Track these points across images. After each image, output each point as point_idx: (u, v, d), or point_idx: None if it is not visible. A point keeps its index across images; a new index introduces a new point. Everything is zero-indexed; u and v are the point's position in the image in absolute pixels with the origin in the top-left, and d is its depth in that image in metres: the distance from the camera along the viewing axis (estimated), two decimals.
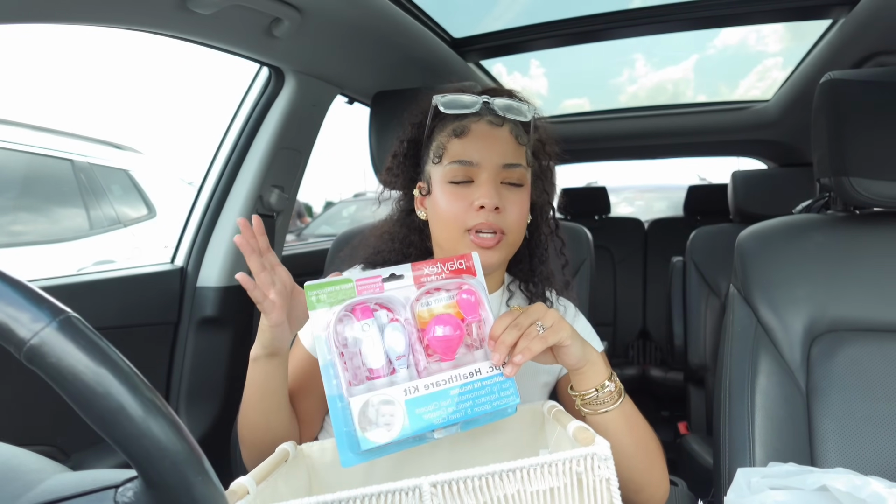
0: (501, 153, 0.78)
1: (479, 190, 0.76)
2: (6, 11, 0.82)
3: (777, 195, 1.87)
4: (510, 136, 0.79)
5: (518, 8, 1.58)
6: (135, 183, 3.36)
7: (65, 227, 2.81)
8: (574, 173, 4.41)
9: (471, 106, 0.78)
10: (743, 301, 0.96)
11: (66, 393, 0.31)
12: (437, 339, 0.62)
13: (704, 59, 2.03)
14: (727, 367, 0.93)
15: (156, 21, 1.02)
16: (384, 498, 0.49)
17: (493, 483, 0.51)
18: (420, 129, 0.85)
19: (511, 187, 0.78)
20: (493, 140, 0.78)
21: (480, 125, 0.79)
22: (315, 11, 1.15)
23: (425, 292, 0.64)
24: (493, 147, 0.77)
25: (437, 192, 0.80)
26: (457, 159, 0.77)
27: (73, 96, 5.35)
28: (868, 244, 0.93)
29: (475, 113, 0.79)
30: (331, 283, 0.61)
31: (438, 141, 0.81)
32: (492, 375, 0.62)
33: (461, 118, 0.79)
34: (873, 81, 0.90)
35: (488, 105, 0.79)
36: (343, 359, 0.60)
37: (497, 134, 0.79)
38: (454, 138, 0.79)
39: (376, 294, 0.62)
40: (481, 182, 0.76)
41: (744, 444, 0.87)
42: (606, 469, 0.53)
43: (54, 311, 0.31)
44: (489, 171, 0.77)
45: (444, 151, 0.79)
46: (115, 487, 0.33)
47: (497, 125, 0.79)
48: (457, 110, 0.78)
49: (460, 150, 0.78)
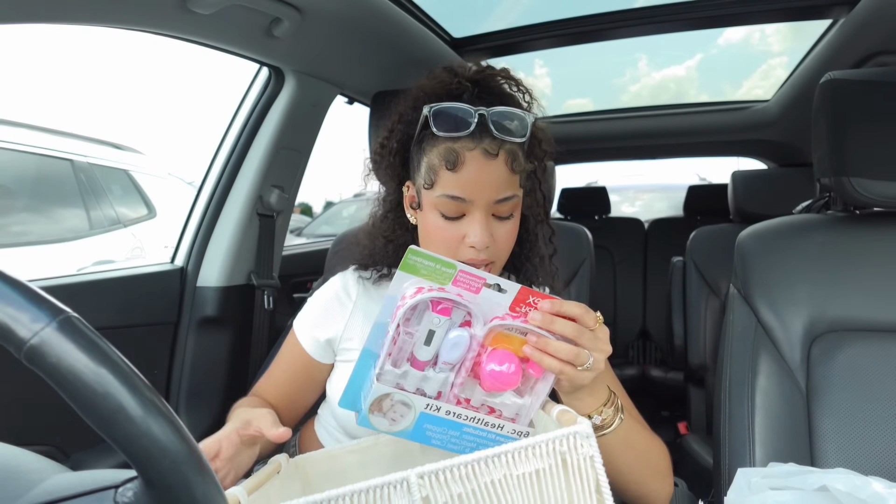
0: (495, 188, 0.74)
1: (471, 228, 0.74)
2: (6, 11, 0.82)
3: (777, 195, 1.87)
4: (504, 167, 0.74)
5: (518, 8, 1.58)
6: (135, 183, 3.36)
7: (65, 227, 2.81)
8: (574, 173, 4.41)
9: (464, 126, 0.73)
10: (743, 301, 0.96)
11: (65, 393, 0.31)
12: (488, 373, 0.60)
13: (708, 58, 2.03)
14: (727, 367, 0.93)
15: (156, 21, 1.02)
16: (374, 493, 0.49)
17: (480, 469, 0.51)
18: (409, 130, 0.81)
19: (502, 220, 0.77)
20: (487, 174, 0.73)
21: (475, 156, 0.73)
22: (315, 11, 1.15)
23: (508, 323, 0.62)
24: (486, 182, 0.73)
25: (428, 216, 0.77)
26: (449, 194, 0.73)
27: (74, 96, 5.35)
28: (868, 244, 0.93)
29: (468, 136, 0.73)
30: (435, 258, 0.59)
31: (430, 160, 0.76)
32: (508, 436, 0.63)
33: (454, 140, 0.74)
34: (874, 81, 0.90)
35: (483, 121, 0.73)
36: (399, 331, 0.59)
37: (491, 167, 0.73)
38: (446, 170, 0.73)
39: (470, 294, 0.60)
40: (473, 220, 0.74)
41: (744, 444, 0.87)
42: (589, 447, 0.54)
43: (54, 311, 0.31)
44: (481, 207, 0.74)
45: (436, 180, 0.75)
46: (114, 488, 0.33)
47: (492, 155, 0.73)
48: (448, 132, 0.73)
49: (453, 183, 0.73)
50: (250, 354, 1.51)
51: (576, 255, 1.46)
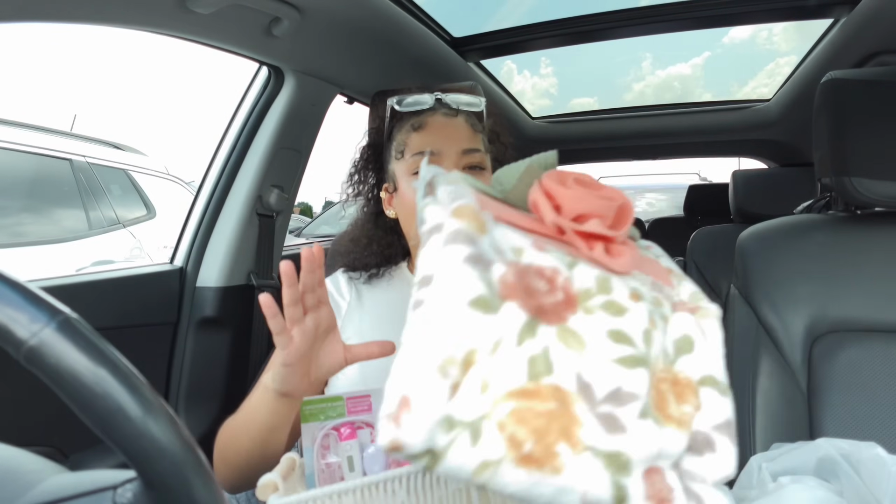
0: (459, 140, 0.83)
1: None
2: (6, 11, 0.82)
3: (778, 195, 1.87)
4: (465, 124, 0.85)
5: (520, 9, 1.58)
6: (134, 183, 3.36)
7: (64, 227, 2.81)
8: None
9: (424, 103, 0.84)
10: (744, 301, 0.95)
11: (64, 393, 0.31)
12: None
13: (715, 56, 2.03)
14: (727, 368, 0.93)
15: (155, 20, 1.01)
16: (431, 474, 0.50)
17: None
18: (380, 133, 0.90)
19: (473, 170, 0.82)
20: (451, 129, 0.83)
21: (436, 118, 0.84)
22: (315, 11, 1.15)
23: None
24: (451, 135, 0.83)
25: (403, 186, 0.84)
26: (418, 150, 0.82)
27: (74, 96, 5.36)
28: (869, 244, 0.92)
29: (429, 108, 0.85)
30: (323, 399, 0.65)
31: (398, 139, 0.86)
32: None
33: (418, 114, 0.85)
34: (874, 81, 0.90)
35: (441, 101, 0.85)
36: (324, 472, 0.64)
37: (453, 123, 0.84)
38: (413, 132, 0.84)
39: (364, 413, 0.66)
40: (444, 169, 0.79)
41: (744, 444, 0.86)
42: None
43: (53, 312, 0.31)
44: (450, 157, 0.81)
45: (405, 146, 0.84)
46: (113, 488, 0.33)
47: (452, 116, 0.84)
48: (412, 108, 0.84)
49: (420, 141, 0.83)
50: (250, 355, 1.51)
51: None
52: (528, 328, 0.33)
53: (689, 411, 0.39)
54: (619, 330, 0.35)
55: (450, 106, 0.85)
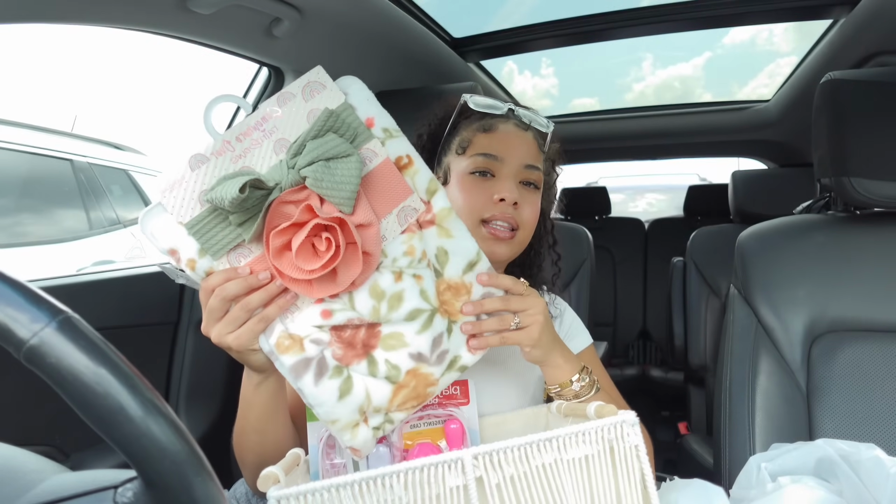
0: (525, 153, 0.82)
1: (501, 184, 0.79)
2: (6, 11, 0.82)
3: (777, 195, 1.87)
4: (533, 140, 0.84)
5: (521, 9, 1.58)
6: (134, 183, 3.36)
7: (64, 227, 2.81)
8: (574, 174, 4.39)
9: (500, 108, 0.84)
10: (743, 301, 0.96)
11: (65, 393, 0.31)
12: None
13: (716, 56, 2.03)
14: (727, 368, 0.93)
15: (155, 21, 1.02)
16: (429, 471, 0.51)
17: (532, 452, 0.53)
18: (442, 125, 0.88)
19: (529, 187, 0.82)
20: (519, 140, 0.83)
21: (508, 126, 0.84)
22: (315, 11, 1.15)
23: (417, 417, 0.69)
24: (518, 146, 0.82)
25: (456, 183, 0.83)
26: (483, 152, 0.81)
27: (74, 97, 5.35)
28: (869, 244, 0.93)
29: (503, 115, 0.84)
30: None
31: (464, 135, 0.85)
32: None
33: (490, 117, 0.84)
34: (874, 81, 0.90)
35: (513, 111, 0.85)
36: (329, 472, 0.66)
37: (522, 136, 0.84)
38: (481, 133, 0.83)
39: None
40: (503, 177, 0.80)
41: (744, 444, 0.87)
42: (635, 436, 0.56)
43: (53, 312, 0.31)
44: (512, 168, 0.81)
45: (470, 144, 0.83)
46: (114, 488, 0.33)
47: (523, 129, 0.84)
48: (487, 109, 0.84)
49: (487, 143, 0.82)
50: None
51: (576, 256, 1.46)
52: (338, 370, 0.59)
53: (466, 298, 0.64)
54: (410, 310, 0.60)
55: (521, 119, 0.85)
